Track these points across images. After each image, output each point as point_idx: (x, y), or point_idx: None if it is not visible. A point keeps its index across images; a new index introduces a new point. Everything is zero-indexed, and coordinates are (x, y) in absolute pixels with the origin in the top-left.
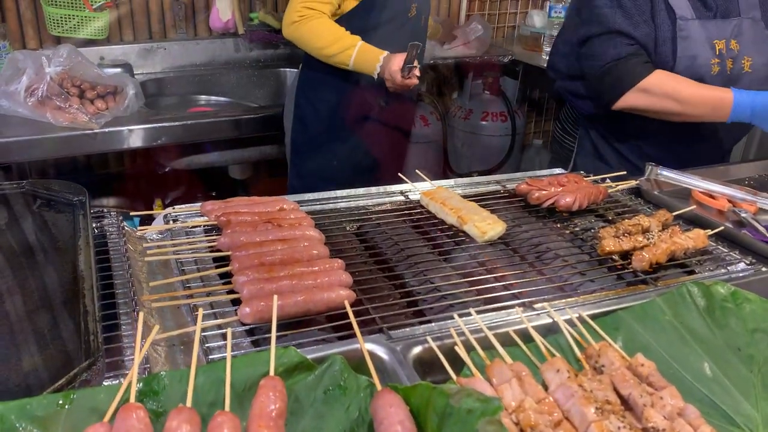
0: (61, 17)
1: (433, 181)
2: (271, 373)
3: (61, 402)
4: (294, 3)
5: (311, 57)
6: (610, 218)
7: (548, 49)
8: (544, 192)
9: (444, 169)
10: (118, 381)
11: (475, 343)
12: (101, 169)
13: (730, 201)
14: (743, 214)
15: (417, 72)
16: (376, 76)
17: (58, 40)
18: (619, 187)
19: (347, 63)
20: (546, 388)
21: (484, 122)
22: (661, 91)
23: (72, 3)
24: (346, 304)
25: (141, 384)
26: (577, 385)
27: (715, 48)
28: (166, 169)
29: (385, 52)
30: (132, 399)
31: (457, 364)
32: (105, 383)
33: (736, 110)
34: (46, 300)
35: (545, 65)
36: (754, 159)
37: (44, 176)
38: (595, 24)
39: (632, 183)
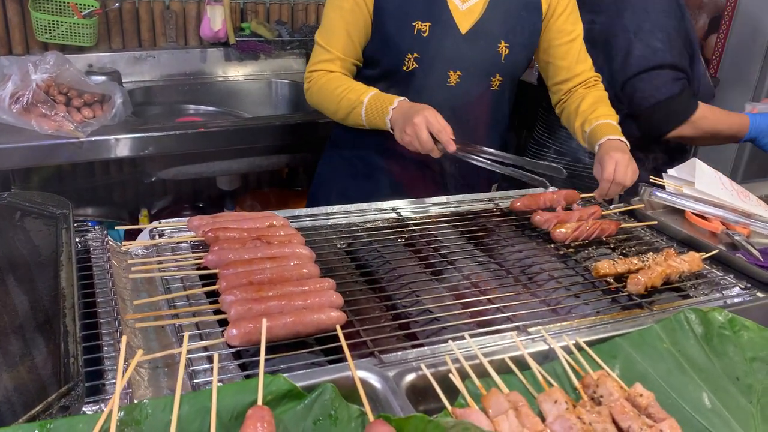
0: (49, 23)
1: (426, 198)
2: (259, 402)
3: None
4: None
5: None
6: (602, 239)
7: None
8: (548, 218)
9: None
10: (98, 407)
11: (470, 371)
12: (87, 178)
13: (723, 223)
14: (737, 237)
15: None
16: (390, 130)
17: (46, 46)
18: (614, 210)
19: (362, 123)
20: (543, 419)
21: None
22: (705, 124)
23: (60, 9)
24: (338, 328)
25: (122, 413)
26: (576, 417)
27: None
28: (153, 179)
29: (398, 99)
30: (113, 429)
31: (452, 391)
32: (85, 409)
33: (750, 132)
34: (24, 319)
35: (535, 81)
36: (741, 181)
37: (28, 185)
38: (647, 58)
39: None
